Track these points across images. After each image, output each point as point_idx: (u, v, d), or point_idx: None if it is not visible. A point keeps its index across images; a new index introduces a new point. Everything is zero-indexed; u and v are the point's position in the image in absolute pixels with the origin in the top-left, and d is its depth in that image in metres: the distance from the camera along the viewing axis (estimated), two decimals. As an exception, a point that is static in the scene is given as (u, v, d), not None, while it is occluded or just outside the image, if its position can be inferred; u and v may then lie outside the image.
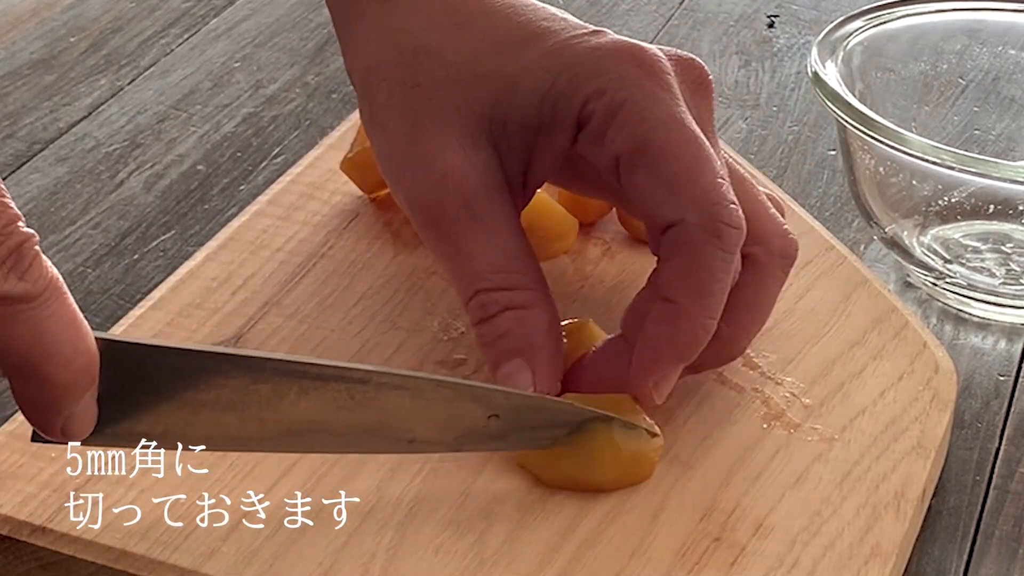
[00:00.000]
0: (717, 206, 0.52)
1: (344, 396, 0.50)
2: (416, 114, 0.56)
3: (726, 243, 0.52)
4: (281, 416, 0.50)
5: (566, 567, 0.50)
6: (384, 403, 0.51)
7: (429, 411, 0.51)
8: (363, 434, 0.51)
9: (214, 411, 0.49)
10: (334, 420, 0.50)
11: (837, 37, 0.70)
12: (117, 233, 0.71)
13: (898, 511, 0.53)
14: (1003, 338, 0.66)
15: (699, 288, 0.52)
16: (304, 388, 0.50)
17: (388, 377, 0.51)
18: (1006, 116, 0.74)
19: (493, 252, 0.54)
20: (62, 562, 0.51)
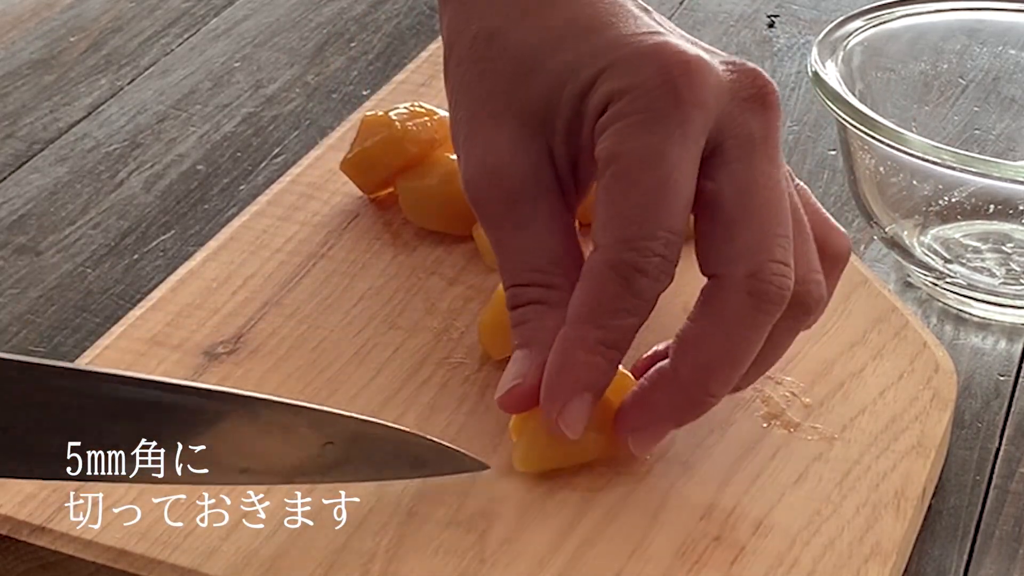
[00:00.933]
0: (636, 252, 0.51)
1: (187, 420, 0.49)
2: (478, 101, 0.56)
3: (631, 286, 0.51)
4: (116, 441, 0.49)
5: (566, 566, 0.50)
6: (219, 427, 0.50)
7: (264, 437, 0.51)
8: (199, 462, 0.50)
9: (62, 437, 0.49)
10: (171, 447, 0.49)
11: (837, 37, 0.70)
12: (117, 233, 0.71)
13: (898, 510, 0.53)
14: (1003, 338, 0.66)
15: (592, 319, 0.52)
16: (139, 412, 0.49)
17: (228, 399, 0.50)
18: (1006, 116, 0.74)
19: (531, 252, 0.54)
20: (62, 562, 0.51)
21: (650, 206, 0.51)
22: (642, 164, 0.51)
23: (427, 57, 0.79)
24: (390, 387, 0.57)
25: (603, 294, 0.51)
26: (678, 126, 0.51)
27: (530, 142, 0.55)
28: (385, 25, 0.88)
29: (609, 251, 0.51)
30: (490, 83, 0.56)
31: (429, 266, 0.64)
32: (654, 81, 0.52)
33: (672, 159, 0.51)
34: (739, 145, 0.52)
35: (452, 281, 0.63)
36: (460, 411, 0.56)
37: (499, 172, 0.55)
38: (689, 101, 0.52)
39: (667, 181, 0.51)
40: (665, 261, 0.51)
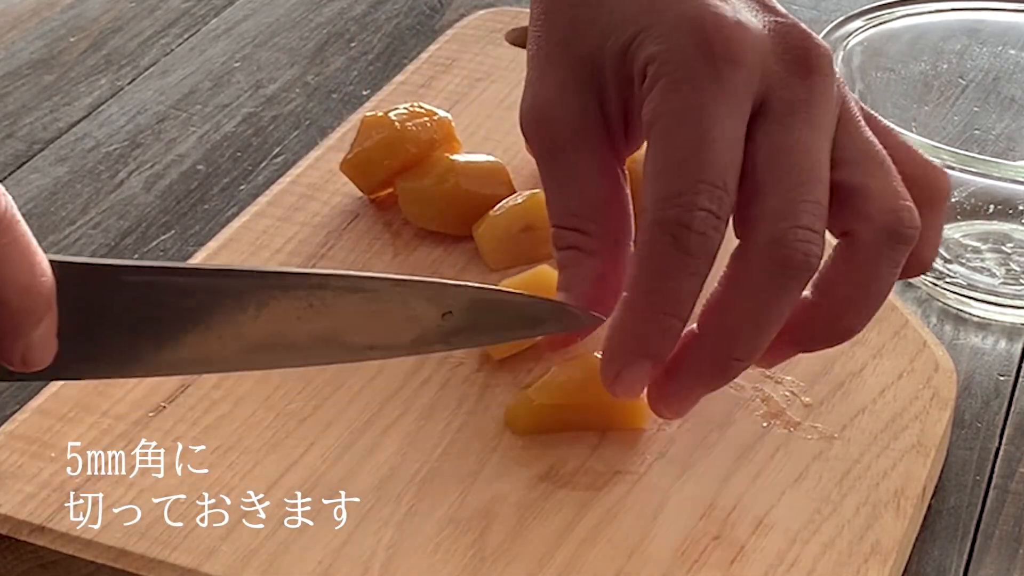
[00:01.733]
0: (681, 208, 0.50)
1: (303, 304, 0.50)
2: (540, 42, 0.57)
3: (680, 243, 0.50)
4: (241, 331, 0.49)
5: (566, 565, 0.50)
6: (341, 309, 0.50)
7: (385, 314, 0.51)
8: (322, 344, 0.51)
9: (175, 331, 0.48)
10: (293, 332, 0.50)
11: (837, 37, 0.70)
12: (117, 233, 0.71)
13: (898, 509, 0.53)
14: (1003, 338, 0.66)
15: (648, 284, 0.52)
16: (263, 300, 0.49)
17: (344, 280, 0.50)
18: (1006, 116, 0.74)
19: (571, 195, 0.55)
20: (62, 561, 0.51)
21: (690, 160, 0.51)
22: (679, 121, 0.51)
23: (427, 58, 0.79)
24: (390, 387, 0.57)
25: (653, 255, 0.51)
26: (714, 82, 0.51)
27: (578, 90, 0.55)
28: (385, 25, 0.88)
29: (654, 210, 0.51)
30: (551, 28, 0.56)
31: (429, 266, 0.64)
32: (687, 42, 0.52)
33: (710, 114, 0.51)
34: (780, 107, 0.52)
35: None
36: (460, 411, 0.56)
37: (546, 115, 0.55)
38: (724, 58, 0.52)
39: (705, 136, 0.51)
40: (711, 215, 0.51)
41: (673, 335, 0.52)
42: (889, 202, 0.52)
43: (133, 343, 0.48)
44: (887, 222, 0.52)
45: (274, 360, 0.51)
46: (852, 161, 0.53)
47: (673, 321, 0.51)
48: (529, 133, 0.56)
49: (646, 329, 0.52)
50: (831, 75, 0.53)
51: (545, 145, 0.56)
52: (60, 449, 0.54)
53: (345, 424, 0.55)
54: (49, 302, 0.45)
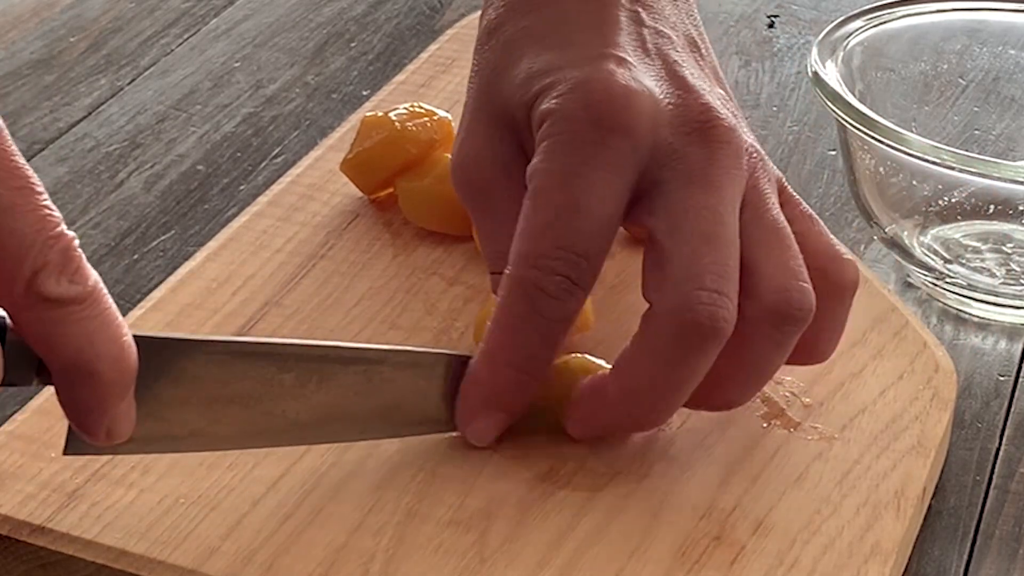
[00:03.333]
0: (536, 270, 0.51)
1: (362, 379, 0.51)
2: (471, 92, 0.58)
3: (534, 305, 0.51)
4: (302, 405, 0.51)
5: (566, 566, 0.50)
6: (399, 383, 0.51)
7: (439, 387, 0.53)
8: (378, 418, 0.52)
9: (239, 406, 0.50)
10: (352, 405, 0.51)
11: (837, 37, 0.70)
12: (117, 233, 0.71)
13: (898, 510, 0.53)
14: (1003, 338, 0.66)
15: (500, 338, 0.53)
16: (324, 374, 0.50)
17: (402, 356, 0.52)
18: (1006, 116, 0.74)
19: (499, 241, 0.55)
20: (62, 562, 0.51)
21: (555, 224, 0.51)
22: (553, 184, 0.52)
23: (427, 58, 0.79)
24: (390, 387, 0.57)
25: (510, 312, 0.52)
26: (596, 151, 0.52)
27: (501, 138, 0.56)
28: (385, 25, 0.88)
29: (514, 267, 0.52)
30: (480, 76, 0.57)
31: (429, 266, 0.64)
32: (576, 105, 0.52)
33: (584, 181, 0.51)
34: (675, 177, 0.52)
35: (452, 281, 0.63)
36: (460, 411, 0.56)
37: (473, 164, 0.57)
38: (609, 128, 0.52)
39: (575, 202, 0.51)
40: (568, 281, 0.51)
41: (525, 391, 0.53)
42: (780, 281, 0.51)
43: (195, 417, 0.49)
44: (774, 301, 0.51)
45: (332, 434, 0.52)
46: (751, 237, 0.52)
47: (524, 378, 0.53)
48: (458, 183, 0.57)
49: (498, 383, 0.53)
50: (736, 146, 0.52)
51: (474, 193, 0.57)
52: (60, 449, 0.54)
53: (345, 424, 0.55)
54: (134, 374, 0.46)
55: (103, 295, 0.44)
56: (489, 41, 0.57)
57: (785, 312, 0.51)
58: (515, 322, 0.52)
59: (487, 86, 0.57)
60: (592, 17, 0.55)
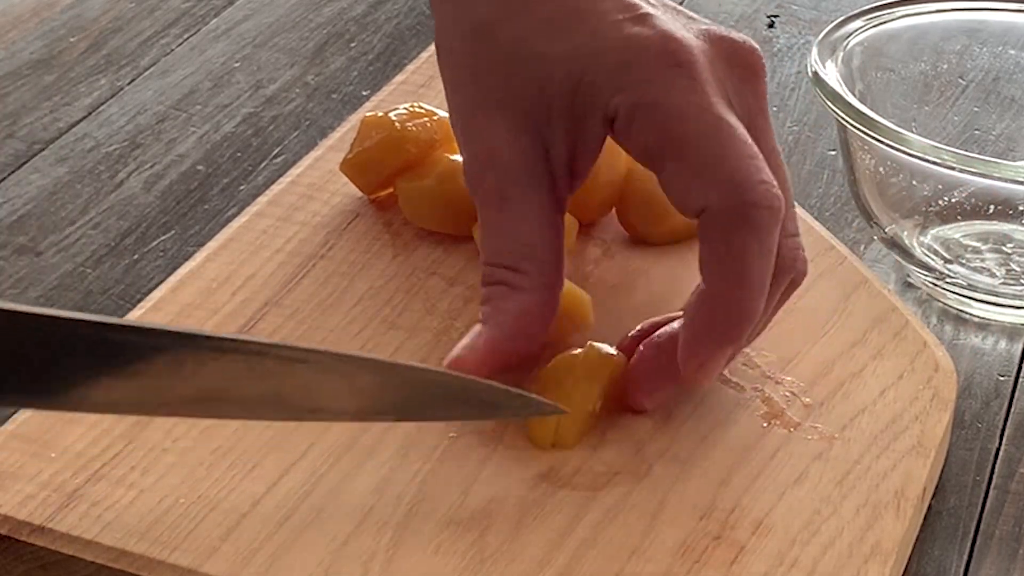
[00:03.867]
0: (742, 186, 0.52)
1: (242, 367, 0.50)
2: (473, 91, 0.57)
3: (755, 224, 0.52)
4: (180, 385, 0.50)
5: (566, 566, 0.50)
6: (284, 375, 0.51)
7: (330, 383, 0.51)
8: (265, 403, 0.51)
9: (112, 378, 0.49)
10: (235, 389, 0.50)
11: (837, 37, 0.70)
12: (117, 233, 0.71)
13: (898, 510, 0.53)
14: (1003, 338, 0.66)
15: (731, 274, 0.53)
16: (200, 359, 0.49)
17: (288, 351, 0.51)
18: (1006, 116, 0.74)
19: (510, 236, 0.56)
20: (62, 562, 0.51)
21: (725, 144, 0.52)
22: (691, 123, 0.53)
23: (427, 58, 0.79)
24: (390, 387, 0.57)
25: (732, 245, 0.52)
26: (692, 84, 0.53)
27: (523, 133, 0.56)
28: (385, 25, 0.88)
29: (716, 205, 0.52)
30: (483, 77, 0.57)
31: (429, 266, 0.64)
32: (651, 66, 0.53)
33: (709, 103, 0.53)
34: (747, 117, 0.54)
35: (452, 281, 0.63)
36: (460, 411, 0.56)
37: (491, 159, 0.56)
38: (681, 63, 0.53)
39: (720, 119, 0.53)
40: (768, 184, 0.52)
41: (754, 317, 0.53)
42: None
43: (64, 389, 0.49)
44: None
45: (215, 411, 0.51)
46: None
47: (755, 305, 0.53)
48: (477, 183, 0.57)
49: (737, 315, 0.53)
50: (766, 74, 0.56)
51: (494, 192, 0.56)
52: (60, 449, 0.54)
53: (345, 424, 0.55)
54: None
55: None
56: (481, 42, 0.57)
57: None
58: (741, 252, 0.52)
59: (496, 89, 0.56)
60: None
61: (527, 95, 0.55)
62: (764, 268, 0.53)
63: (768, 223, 0.52)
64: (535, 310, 0.55)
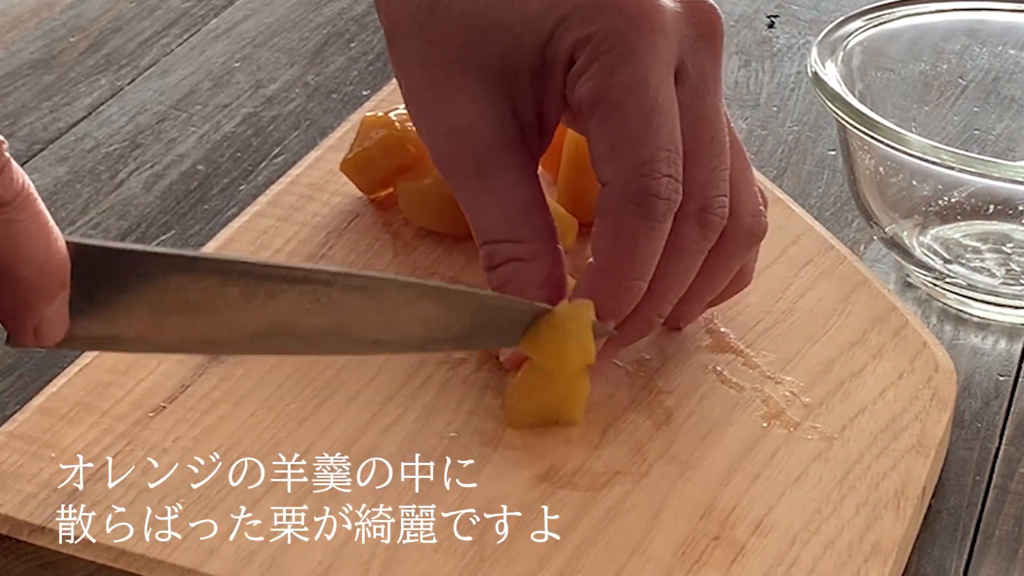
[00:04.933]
0: (647, 177, 0.53)
1: (309, 298, 0.51)
2: (433, 69, 0.57)
3: (649, 212, 0.53)
4: (249, 319, 0.50)
5: (566, 566, 0.50)
6: (348, 305, 0.51)
7: (392, 312, 0.52)
8: (328, 336, 0.52)
9: (183, 314, 0.49)
10: (301, 322, 0.51)
11: (837, 37, 0.70)
12: (117, 233, 0.71)
13: (898, 510, 0.53)
14: (1003, 338, 0.66)
15: (619, 253, 0.54)
16: (271, 290, 0.50)
17: (352, 279, 0.51)
18: (1006, 116, 0.74)
19: (500, 206, 0.56)
20: (62, 562, 0.51)
21: (648, 130, 0.53)
22: (629, 93, 0.53)
23: (427, 57, 0.78)
24: (390, 387, 0.57)
25: (624, 227, 0.54)
26: (651, 53, 0.54)
27: (492, 100, 0.56)
28: (385, 25, 0.88)
29: (620, 183, 0.54)
30: (440, 50, 0.57)
31: (429, 266, 0.64)
32: (617, 20, 0.54)
33: (655, 82, 0.54)
34: (695, 75, 0.55)
35: (452, 281, 0.63)
36: (460, 411, 0.56)
37: (464, 130, 0.56)
38: (654, 30, 0.54)
39: (656, 103, 0.54)
40: (672, 180, 0.53)
41: (638, 296, 0.55)
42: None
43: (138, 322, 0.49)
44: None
45: (281, 347, 0.52)
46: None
47: (641, 284, 0.55)
48: (449, 159, 0.57)
49: (618, 295, 0.55)
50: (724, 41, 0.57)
51: (469, 165, 0.56)
52: (60, 449, 0.54)
53: (345, 424, 0.55)
54: (63, 280, 0.45)
55: (32, 199, 0.44)
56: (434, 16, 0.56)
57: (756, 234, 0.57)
58: (633, 233, 0.54)
59: (458, 53, 0.56)
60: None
61: (491, 62, 0.56)
62: (649, 253, 0.54)
63: (663, 212, 0.53)
64: (555, 271, 0.56)
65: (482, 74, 0.56)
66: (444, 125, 0.57)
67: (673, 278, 0.56)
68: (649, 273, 0.54)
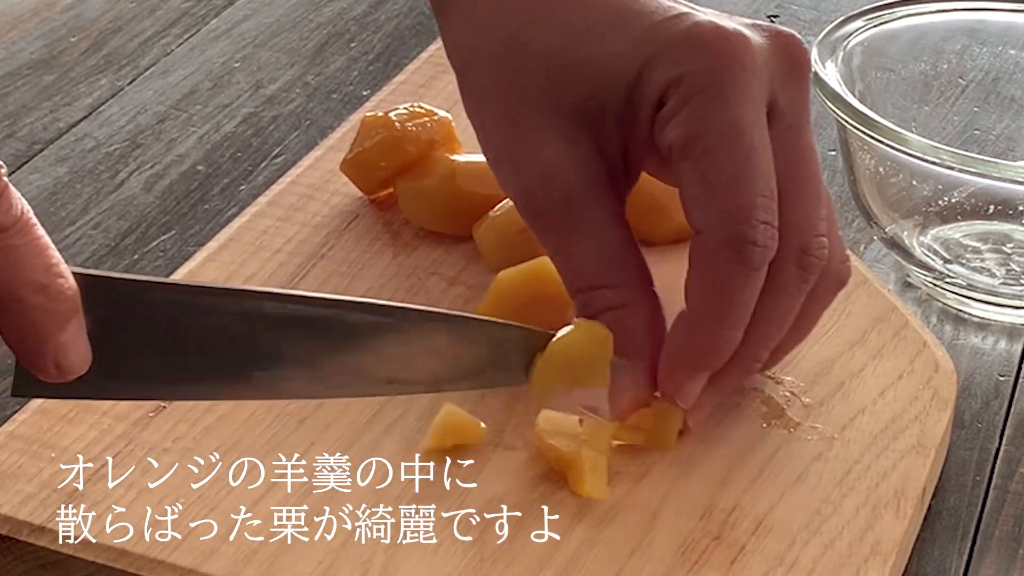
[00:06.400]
0: (744, 224, 0.51)
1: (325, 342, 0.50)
2: (514, 108, 0.55)
3: (747, 260, 0.51)
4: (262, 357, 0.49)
5: (566, 566, 0.50)
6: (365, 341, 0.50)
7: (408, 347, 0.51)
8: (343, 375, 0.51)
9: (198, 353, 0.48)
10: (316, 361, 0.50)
11: (837, 37, 0.70)
12: (117, 233, 0.71)
13: (898, 510, 0.53)
14: (1003, 338, 0.66)
15: (715, 302, 0.52)
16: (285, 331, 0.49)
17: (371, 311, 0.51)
18: (1006, 116, 0.74)
19: (592, 249, 0.54)
20: (62, 562, 0.51)
21: (744, 176, 0.52)
22: (723, 137, 0.52)
23: (427, 58, 0.79)
24: (390, 387, 0.57)
25: (720, 274, 0.52)
26: (743, 94, 0.52)
27: (579, 140, 0.54)
28: (385, 25, 0.88)
29: (716, 230, 0.52)
30: (520, 89, 0.55)
31: (429, 266, 0.64)
32: (708, 60, 0.52)
33: (749, 125, 0.52)
34: (788, 112, 0.54)
35: (452, 281, 0.63)
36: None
37: (551, 171, 0.54)
38: (746, 68, 0.52)
39: (751, 147, 0.52)
40: (769, 227, 0.52)
41: (733, 346, 0.53)
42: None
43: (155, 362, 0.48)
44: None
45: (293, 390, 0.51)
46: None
47: (737, 334, 0.53)
48: (538, 203, 0.55)
49: (717, 346, 0.53)
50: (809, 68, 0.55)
51: (559, 209, 0.54)
52: (60, 449, 0.54)
53: (345, 424, 0.55)
54: (72, 305, 0.45)
55: (32, 225, 0.44)
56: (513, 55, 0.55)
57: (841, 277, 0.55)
58: (729, 281, 0.52)
59: (540, 93, 0.55)
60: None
61: (575, 102, 0.54)
62: (746, 303, 0.52)
63: (760, 261, 0.52)
64: (655, 316, 0.54)
65: (566, 114, 0.54)
66: (530, 168, 0.55)
67: (773, 323, 0.54)
68: (745, 322, 0.53)
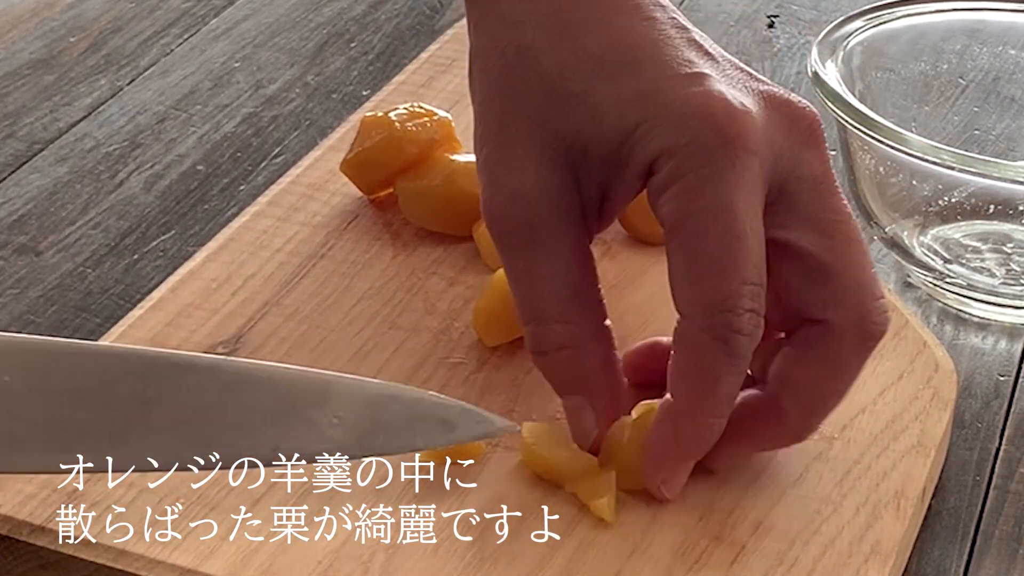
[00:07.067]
0: (730, 313, 0.50)
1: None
2: (506, 119, 0.54)
3: (732, 349, 0.50)
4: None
5: (566, 566, 0.50)
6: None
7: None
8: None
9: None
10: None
11: (837, 37, 0.70)
12: (117, 233, 0.71)
13: (898, 510, 0.53)
14: (1003, 338, 0.66)
15: (699, 391, 0.51)
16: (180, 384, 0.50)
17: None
18: (1006, 116, 0.74)
19: (549, 282, 0.53)
20: (62, 562, 0.51)
21: (730, 263, 0.50)
22: (714, 221, 0.50)
23: (427, 58, 0.79)
24: (390, 387, 0.57)
25: (704, 362, 0.51)
26: (740, 176, 0.50)
27: (557, 169, 0.53)
28: (385, 25, 0.88)
29: (700, 317, 0.50)
30: (519, 103, 0.54)
31: (429, 266, 0.64)
32: (709, 137, 0.50)
33: (742, 209, 0.50)
34: (807, 185, 0.52)
35: (452, 281, 0.63)
36: (460, 411, 0.56)
37: (523, 194, 0.53)
38: (746, 150, 0.50)
39: (742, 234, 0.50)
40: (756, 315, 0.50)
41: (718, 433, 0.52)
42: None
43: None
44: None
45: None
46: None
47: (721, 422, 0.52)
48: (503, 220, 0.53)
49: (696, 433, 0.52)
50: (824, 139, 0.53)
51: (521, 232, 0.53)
52: (60, 449, 0.54)
53: (345, 424, 0.55)
54: None
55: None
56: (521, 65, 0.54)
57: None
58: (712, 370, 0.51)
59: (536, 112, 0.53)
60: (646, 35, 0.53)
61: (566, 131, 0.53)
62: (730, 392, 0.51)
63: (745, 349, 0.50)
64: (609, 356, 0.54)
65: (554, 141, 0.53)
66: (504, 185, 0.53)
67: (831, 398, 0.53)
68: (729, 409, 0.52)
